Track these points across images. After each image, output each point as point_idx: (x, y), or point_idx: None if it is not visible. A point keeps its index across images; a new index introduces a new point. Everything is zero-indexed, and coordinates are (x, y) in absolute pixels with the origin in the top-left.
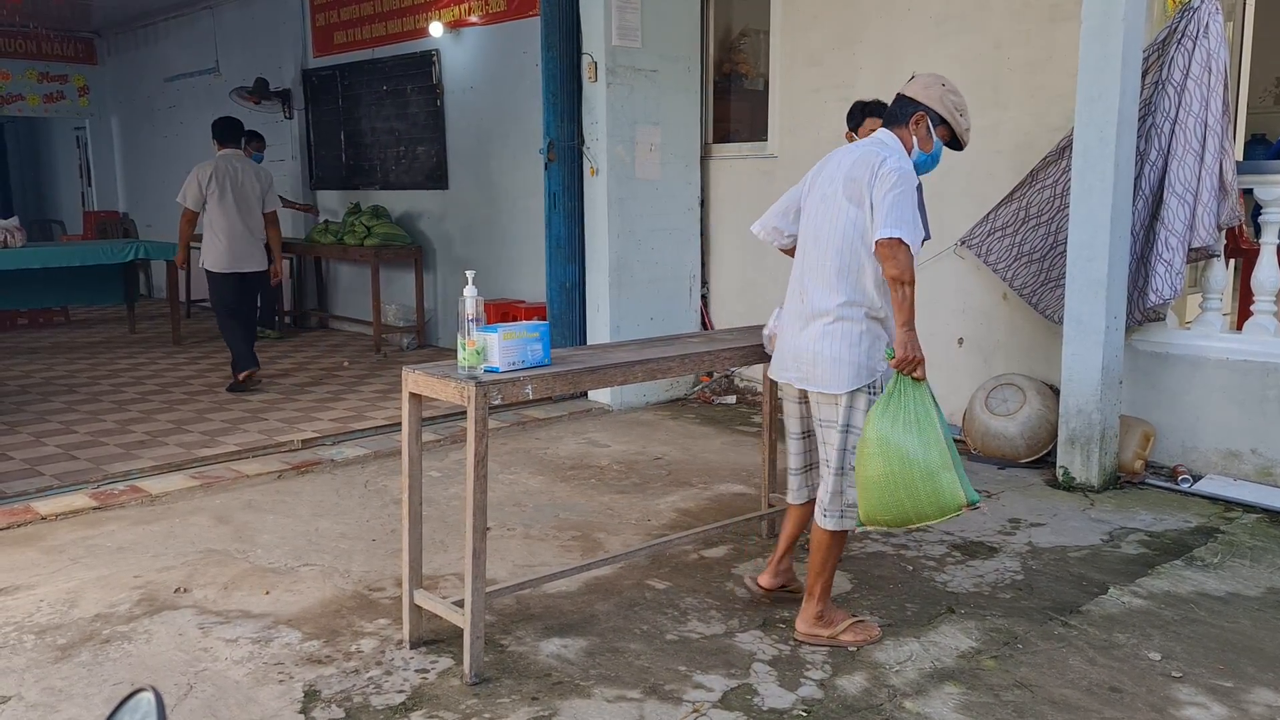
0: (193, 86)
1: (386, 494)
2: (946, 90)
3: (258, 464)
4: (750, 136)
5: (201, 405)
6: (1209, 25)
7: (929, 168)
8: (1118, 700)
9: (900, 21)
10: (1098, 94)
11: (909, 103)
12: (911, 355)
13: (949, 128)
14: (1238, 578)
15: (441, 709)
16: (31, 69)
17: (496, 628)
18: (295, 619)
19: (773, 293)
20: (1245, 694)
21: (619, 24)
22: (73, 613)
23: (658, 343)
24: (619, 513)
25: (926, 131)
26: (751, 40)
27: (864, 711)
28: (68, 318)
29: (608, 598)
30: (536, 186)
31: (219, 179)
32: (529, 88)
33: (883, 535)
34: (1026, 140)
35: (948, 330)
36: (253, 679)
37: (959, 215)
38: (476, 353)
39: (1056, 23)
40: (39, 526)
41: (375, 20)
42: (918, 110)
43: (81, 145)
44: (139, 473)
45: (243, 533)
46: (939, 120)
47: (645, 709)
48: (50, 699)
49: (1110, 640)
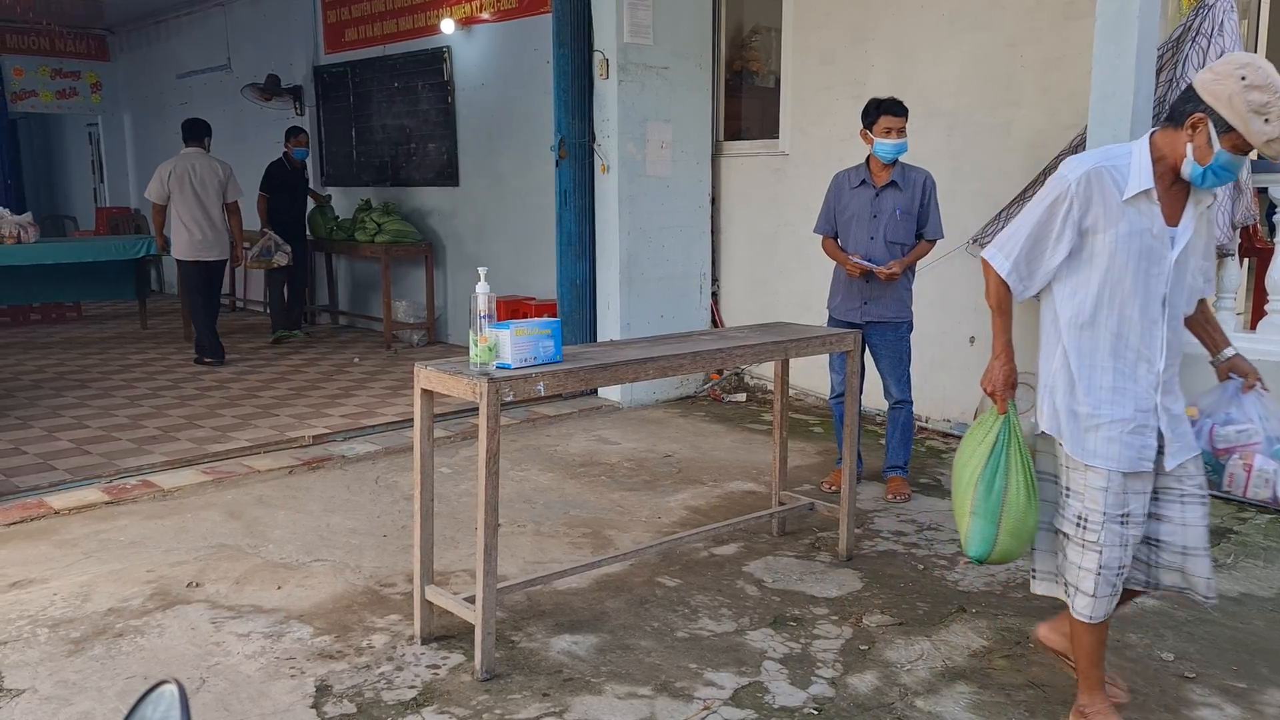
0: (204, 83)
1: (397, 490)
2: (1247, 86)
3: (269, 459)
4: (761, 134)
5: (213, 401)
6: (1224, 23)
7: (1212, 184)
8: (1131, 701)
9: (913, 19)
10: (1111, 92)
11: (1191, 97)
12: (984, 384)
13: (1238, 135)
14: (1251, 578)
15: (453, 704)
16: (45, 65)
17: (507, 624)
18: (307, 614)
19: (782, 290)
20: (1259, 695)
21: (631, 21)
22: (86, 606)
23: (669, 340)
24: (629, 510)
25: (1206, 140)
26: (763, 37)
27: (875, 710)
28: (80, 313)
29: (618, 595)
30: (547, 184)
31: (178, 175)
32: (540, 85)
33: (893, 534)
34: (1040, 138)
35: (960, 329)
36: (265, 673)
37: (972, 213)
38: (489, 349)
39: (1070, 20)
40: (52, 520)
41: (387, 17)
42: (1198, 110)
43: (94, 141)
44: (151, 468)
45: (254, 528)
46: (1225, 127)
47: (656, 706)
48: (64, 692)
49: (1123, 641)
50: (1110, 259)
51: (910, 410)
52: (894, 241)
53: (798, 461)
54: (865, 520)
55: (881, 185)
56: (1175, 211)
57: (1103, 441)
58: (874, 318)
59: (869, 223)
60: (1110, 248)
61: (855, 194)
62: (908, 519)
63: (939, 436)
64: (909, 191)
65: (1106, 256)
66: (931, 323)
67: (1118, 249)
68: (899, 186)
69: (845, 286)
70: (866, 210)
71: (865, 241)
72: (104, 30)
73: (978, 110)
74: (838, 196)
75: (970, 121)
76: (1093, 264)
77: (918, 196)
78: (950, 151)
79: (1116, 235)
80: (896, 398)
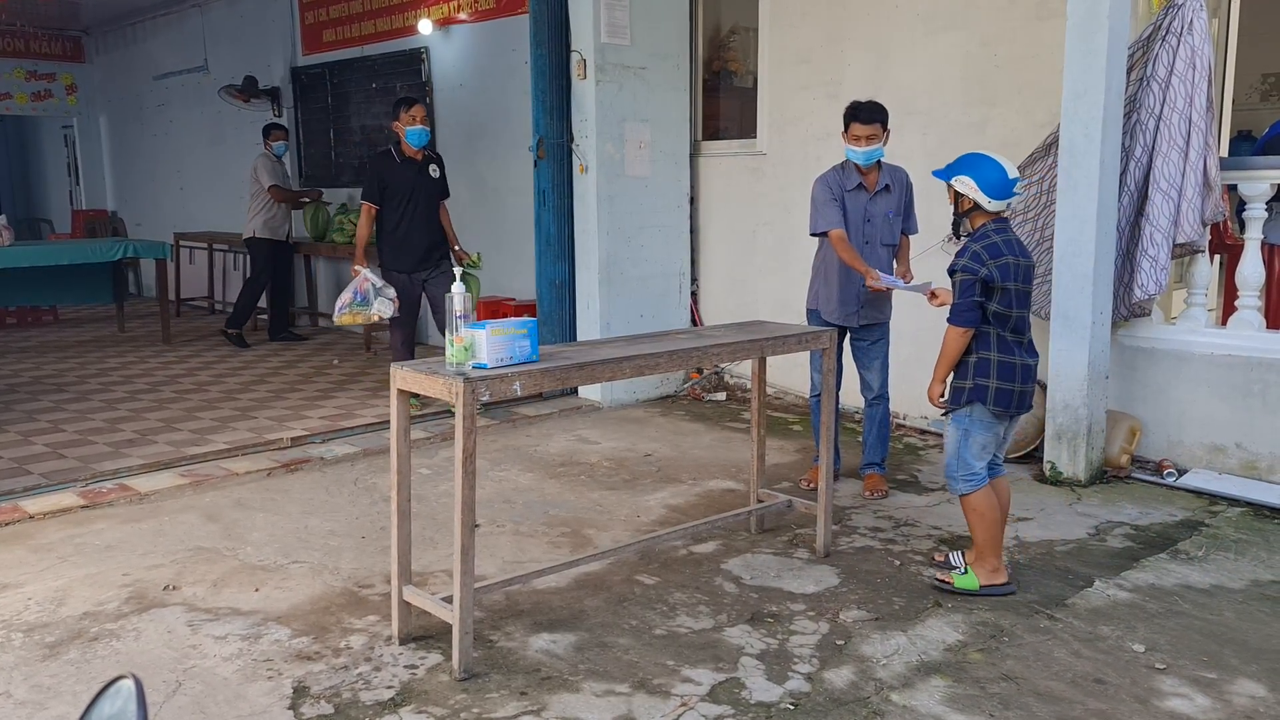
0: (181, 85)
1: (376, 491)
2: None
3: (247, 462)
4: (739, 134)
5: (190, 404)
6: (1193, 22)
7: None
8: (1102, 692)
9: (888, 19)
10: (1083, 90)
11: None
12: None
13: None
14: (1221, 570)
15: (430, 704)
16: (19, 67)
17: (485, 624)
18: (284, 616)
19: (761, 288)
20: (1228, 685)
21: (608, 21)
22: (61, 611)
23: (646, 339)
24: (608, 509)
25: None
26: (741, 37)
27: (851, 704)
28: (56, 317)
29: (597, 593)
30: (526, 184)
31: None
32: (518, 85)
33: (871, 530)
34: (1013, 137)
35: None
36: (242, 676)
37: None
38: (465, 349)
39: (1043, 20)
40: (27, 525)
41: (364, 18)
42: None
43: (70, 144)
44: (128, 471)
45: (232, 530)
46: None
47: (634, 703)
48: (38, 696)
49: (1095, 633)
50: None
51: (888, 407)
52: (886, 244)
53: (776, 459)
54: (843, 517)
55: (875, 189)
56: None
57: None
58: (869, 320)
59: (863, 227)
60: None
61: (851, 197)
62: (885, 515)
63: (916, 434)
64: (896, 192)
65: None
66: (907, 320)
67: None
68: (890, 189)
69: (843, 290)
70: (861, 214)
71: (860, 246)
72: (79, 31)
73: (953, 109)
74: (839, 195)
75: (945, 120)
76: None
77: (903, 196)
78: (925, 150)
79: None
80: (877, 392)
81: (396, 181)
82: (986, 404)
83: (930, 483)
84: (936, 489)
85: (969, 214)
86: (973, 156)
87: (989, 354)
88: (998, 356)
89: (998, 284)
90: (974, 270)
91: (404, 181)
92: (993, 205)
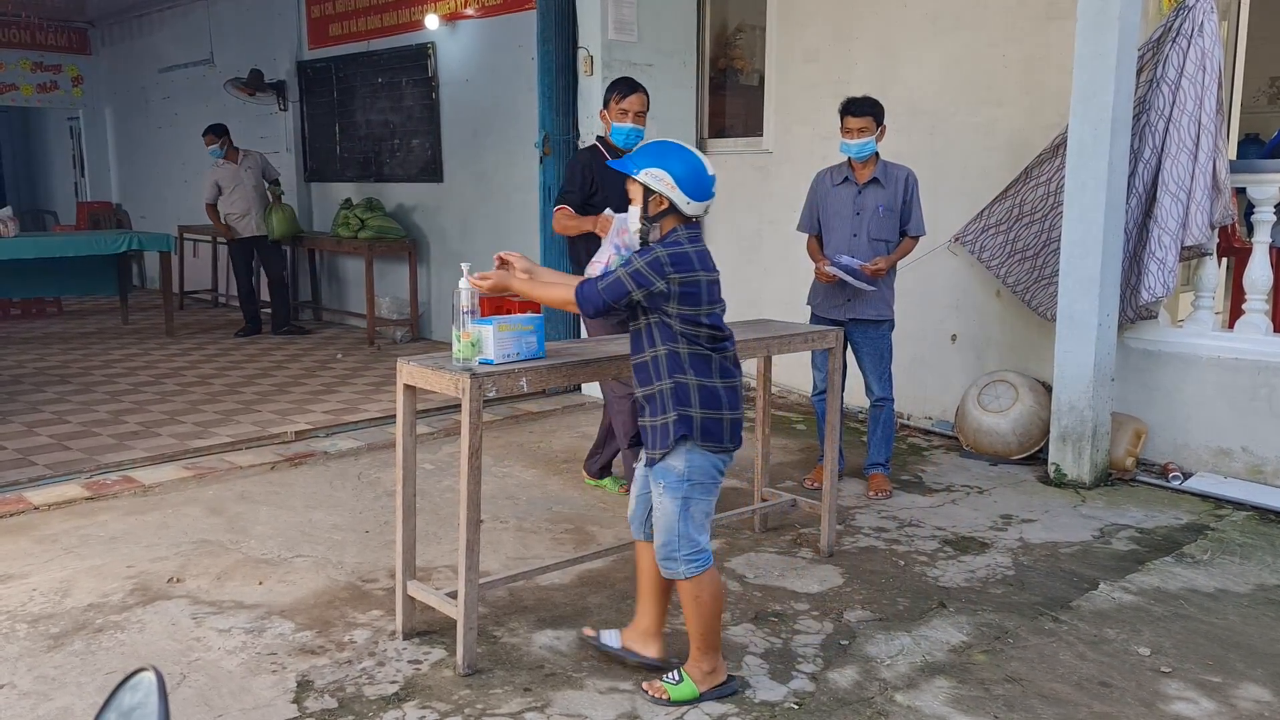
0: (187, 78)
1: (379, 486)
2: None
3: (251, 455)
4: (745, 132)
5: (194, 396)
6: (1204, 24)
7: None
8: (1107, 695)
9: (896, 18)
10: (1092, 92)
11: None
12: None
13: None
14: (1227, 574)
15: (434, 699)
16: (25, 59)
17: (489, 619)
18: (288, 610)
19: (766, 288)
20: (1234, 689)
21: (615, 18)
22: (65, 602)
23: None
24: (612, 506)
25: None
26: (748, 36)
27: (855, 704)
28: (61, 308)
29: (600, 590)
30: (531, 180)
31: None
32: (524, 81)
33: (875, 530)
34: (1021, 137)
35: (942, 326)
36: (246, 669)
37: (953, 212)
38: (471, 345)
39: (1052, 20)
40: (32, 516)
41: (371, 12)
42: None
43: (75, 136)
44: (132, 463)
45: (236, 524)
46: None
47: (638, 701)
48: (43, 687)
49: (1100, 635)
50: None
51: (891, 408)
52: (877, 239)
53: (780, 458)
54: (847, 517)
55: (864, 182)
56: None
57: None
58: (856, 315)
59: (852, 220)
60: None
61: (837, 191)
62: (889, 515)
63: (920, 434)
64: (891, 188)
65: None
66: (913, 321)
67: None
68: (881, 183)
69: (827, 284)
70: (849, 207)
71: (848, 239)
72: (85, 23)
73: (960, 109)
74: (820, 194)
75: (952, 121)
76: None
77: (900, 193)
78: (932, 150)
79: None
80: (878, 395)
81: (608, 182)
82: (695, 437)
83: (934, 484)
84: (940, 490)
85: (660, 219)
86: (662, 145)
87: (684, 377)
88: (695, 380)
89: (673, 303)
90: (646, 282)
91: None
92: (691, 208)
